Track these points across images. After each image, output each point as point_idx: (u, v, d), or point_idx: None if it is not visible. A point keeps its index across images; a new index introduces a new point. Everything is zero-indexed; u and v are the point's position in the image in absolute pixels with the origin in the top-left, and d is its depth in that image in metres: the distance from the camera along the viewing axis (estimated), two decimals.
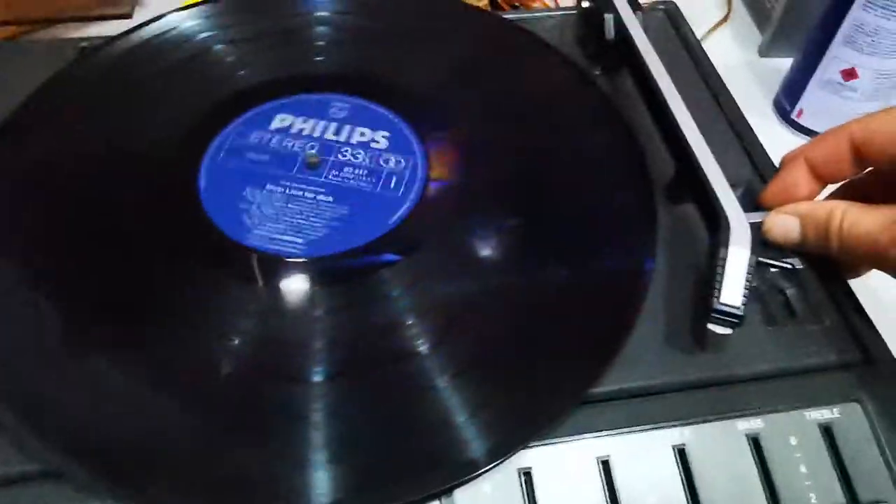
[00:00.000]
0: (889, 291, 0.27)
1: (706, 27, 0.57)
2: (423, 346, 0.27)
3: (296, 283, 0.29)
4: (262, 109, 0.35)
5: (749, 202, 0.30)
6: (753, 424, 0.26)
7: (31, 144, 0.34)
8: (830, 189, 0.31)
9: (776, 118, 0.51)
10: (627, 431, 0.26)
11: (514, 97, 0.36)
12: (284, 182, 0.32)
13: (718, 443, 0.26)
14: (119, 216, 0.31)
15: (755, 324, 0.28)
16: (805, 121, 0.49)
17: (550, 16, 0.43)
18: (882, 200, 0.30)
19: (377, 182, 0.32)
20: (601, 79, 0.38)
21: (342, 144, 0.33)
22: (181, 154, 0.32)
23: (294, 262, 0.29)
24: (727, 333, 0.26)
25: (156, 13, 0.39)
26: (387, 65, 0.37)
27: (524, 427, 0.25)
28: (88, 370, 0.26)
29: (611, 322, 0.28)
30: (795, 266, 0.29)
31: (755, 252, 0.27)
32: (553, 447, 0.25)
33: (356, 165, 0.32)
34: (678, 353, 0.28)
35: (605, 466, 0.25)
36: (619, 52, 0.37)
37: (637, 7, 0.37)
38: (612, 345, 0.27)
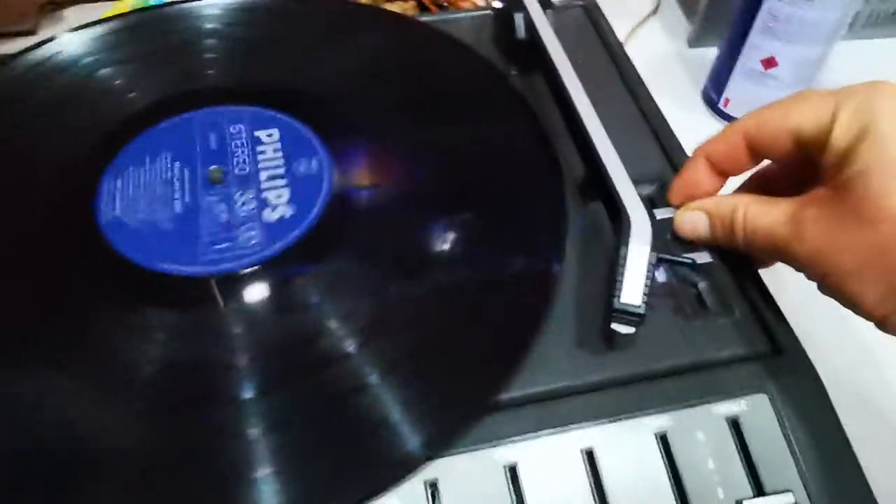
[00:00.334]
0: (802, 281, 0.27)
1: (636, 19, 0.58)
2: (332, 356, 0.26)
3: (213, 302, 0.28)
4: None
5: (664, 198, 0.30)
6: (662, 422, 0.26)
7: None
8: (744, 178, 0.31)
9: (705, 108, 0.51)
10: (534, 437, 0.25)
11: (425, 99, 0.35)
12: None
13: (626, 443, 0.25)
14: (14, 245, 0.30)
15: (667, 319, 0.28)
16: (732, 110, 0.49)
17: (470, 16, 0.43)
18: (787, 191, 0.30)
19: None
20: (516, 79, 0.38)
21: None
22: (77, 180, 0.31)
23: (208, 281, 0.28)
24: (630, 332, 0.26)
25: (62, 29, 0.38)
26: (286, 73, 0.36)
27: (428, 438, 0.25)
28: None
29: (519, 325, 0.27)
30: (696, 262, 0.29)
31: (658, 249, 0.27)
32: (459, 457, 0.25)
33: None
34: (588, 354, 0.27)
35: (513, 473, 0.25)
36: (531, 52, 0.36)
37: (548, 5, 0.37)
38: (520, 349, 0.27)
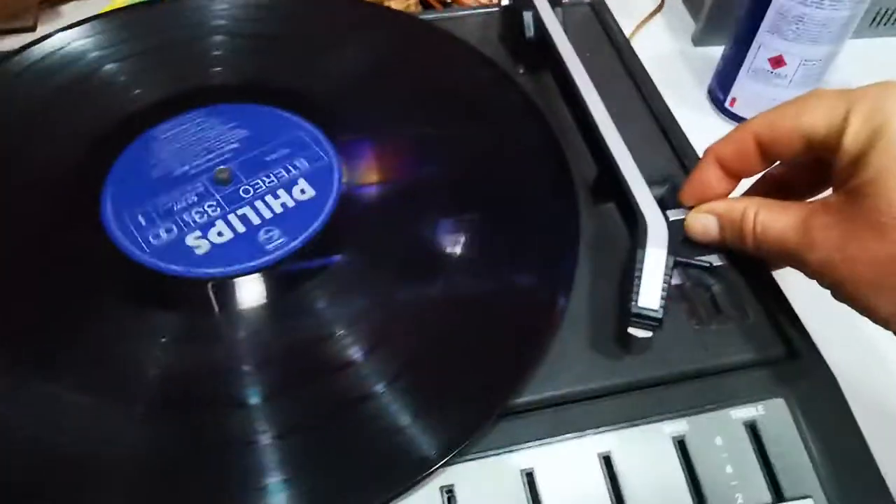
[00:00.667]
0: (811, 282, 0.26)
1: (640, 17, 0.57)
2: (342, 364, 0.26)
3: (219, 305, 0.28)
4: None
5: (675, 199, 0.30)
6: (679, 427, 0.26)
7: None
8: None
9: (711, 108, 0.51)
10: (551, 441, 0.25)
11: (432, 101, 0.35)
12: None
13: (644, 448, 0.25)
14: (18, 244, 0.29)
15: (681, 323, 0.28)
16: (738, 109, 0.49)
17: (474, 14, 0.42)
18: (799, 193, 0.29)
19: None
20: (524, 78, 0.37)
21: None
22: (82, 178, 0.31)
23: (213, 282, 0.28)
24: (647, 336, 0.26)
25: (62, 24, 0.37)
26: (294, 71, 0.36)
27: (444, 444, 0.24)
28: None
29: (533, 330, 0.27)
30: (713, 264, 0.28)
31: (674, 252, 0.27)
32: (475, 462, 0.24)
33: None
34: (603, 358, 0.27)
35: (530, 478, 0.24)
36: (540, 51, 0.36)
37: (557, 3, 0.37)
38: (534, 353, 0.26)
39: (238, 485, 0.23)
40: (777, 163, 0.28)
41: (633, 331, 0.26)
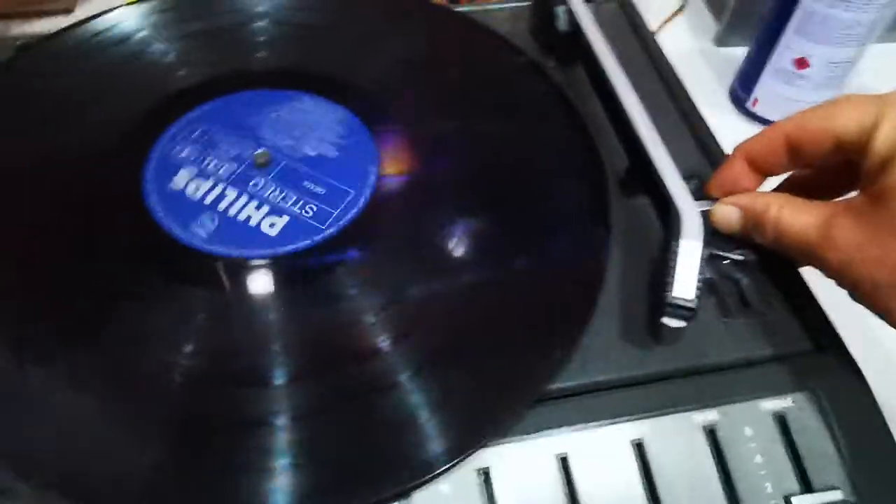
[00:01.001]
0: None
1: (662, 17, 0.58)
2: (382, 345, 0.26)
3: (254, 285, 0.28)
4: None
5: (701, 194, 0.30)
6: (709, 416, 0.26)
7: None
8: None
9: (732, 108, 0.51)
10: (584, 427, 0.25)
11: (466, 91, 0.35)
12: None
13: (675, 436, 0.26)
14: (60, 220, 0.30)
15: (710, 315, 0.28)
16: (760, 110, 0.49)
17: (505, 7, 0.43)
18: (824, 196, 0.30)
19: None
20: (555, 71, 0.38)
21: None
22: (124, 157, 0.31)
23: (250, 264, 0.28)
24: (681, 326, 0.26)
25: (98, 7, 0.38)
26: (334, 60, 0.36)
27: (481, 427, 0.25)
28: (36, 383, 0.25)
29: (566, 318, 0.28)
30: (747, 257, 0.29)
31: (708, 244, 0.27)
32: (511, 446, 0.25)
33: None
34: (634, 348, 0.28)
35: (564, 463, 0.25)
36: (572, 45, 0.36)
37: None
38: (568, 341, 0.27)
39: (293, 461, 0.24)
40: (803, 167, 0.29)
41: (668, 321, 0.26)
